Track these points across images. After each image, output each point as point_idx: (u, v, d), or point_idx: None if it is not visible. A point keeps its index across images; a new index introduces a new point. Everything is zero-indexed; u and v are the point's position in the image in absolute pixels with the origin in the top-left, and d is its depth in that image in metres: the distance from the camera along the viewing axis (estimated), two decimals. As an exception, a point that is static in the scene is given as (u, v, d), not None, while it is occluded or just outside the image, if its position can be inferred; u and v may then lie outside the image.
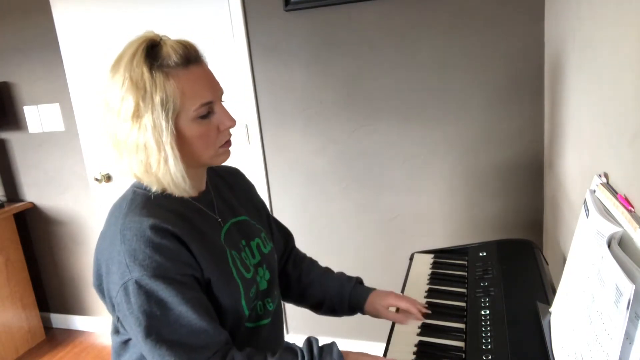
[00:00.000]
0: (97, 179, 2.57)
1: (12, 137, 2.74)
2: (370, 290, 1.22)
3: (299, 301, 1.27)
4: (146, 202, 0.91)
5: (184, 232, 0.89)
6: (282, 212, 2.32)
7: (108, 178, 2.59)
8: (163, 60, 0.86)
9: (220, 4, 2.15)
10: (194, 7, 2.19)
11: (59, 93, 2.55)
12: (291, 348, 0.93)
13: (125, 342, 0.98)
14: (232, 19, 2.15)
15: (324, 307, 1.24)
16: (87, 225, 2.74)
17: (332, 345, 0.93)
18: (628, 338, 0.58)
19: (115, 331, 1.00)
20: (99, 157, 2.57)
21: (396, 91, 2.02)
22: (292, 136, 2.22)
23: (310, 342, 0.93)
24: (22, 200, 2.83)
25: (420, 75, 1.97)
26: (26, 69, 2.58)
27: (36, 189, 2.79)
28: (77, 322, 2.95)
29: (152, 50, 0.87)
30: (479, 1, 1.84)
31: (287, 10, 2.06)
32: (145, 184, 0.93)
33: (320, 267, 1.29)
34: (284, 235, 1.28)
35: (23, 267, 2.79)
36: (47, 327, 2.97)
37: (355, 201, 2.21)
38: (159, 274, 0.84)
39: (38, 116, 2.63)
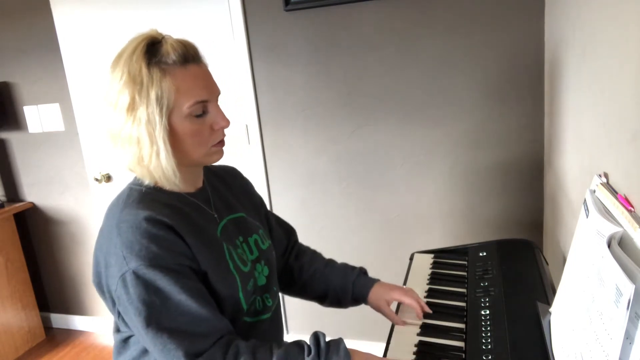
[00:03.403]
0: (97, 179, 2.57)
1: (12, 137, 2.74)
2: (374, 281, 1.21)
3: (303, 294, 1.26)
4: (142, 197, 0.92)
5: (180, 225, 0.90)
6: (282, 212, 2.32)
7: (108, 178, 2.59)
8: (162, 57, 0.88)
9: (220, 4, 2.15)
10: (194, 7, 2.19)
11: (59, 93, 2.55)
12: (297, 342, 0.93)
13: (126, 340, 0.99)
14: (232, 19, 2.15)
15: (328, 298, 1.23)
16: (87, 225, 2.74)
17: (339, 341, 0.92)
18: (628, 338, 0.58)
19: (117, 329, 1.00)
20: (99, 157, 2.57)
21: (396, 91, 2.02)
22: (292, 136, 2.22)
23: (317, 336, 0.92)
24: (22, 200, 2.83)
25: (420, 75, 1.97)
26: (26, 69, 2.58)
27: (36, 189, 2.79)
28: (77, 322, 2.96)
29: (152, 48, 0.89)
30: (478, 1, 1.84)
31: (287, 10, 2.06)
32: (137, 176, 0.95)
33: (323, 258, 1.28)
34: (286, 231, 1.28)
35: (23, 267, 2.79)
36: (47, 327, 2.98)
37: (355, 201, 2.21)
38: (156, 264, 0.85)
39: (38, 116, 2.63)
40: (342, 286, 1.20)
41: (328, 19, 2.03)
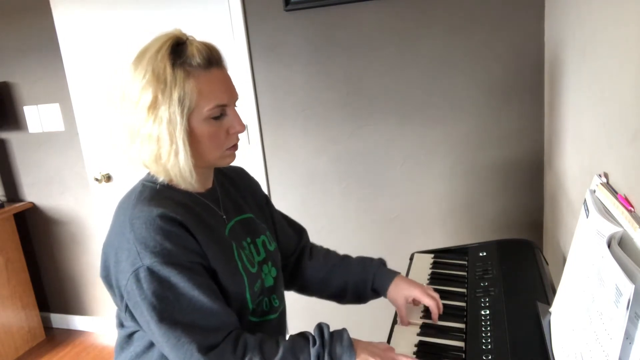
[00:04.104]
0: (97, 179, 2.57)
1: (12, 137, 2.74)
2: (395, 274, 1.19)
3: (321, 292, 1.25)
4: (155, 194, 0.94)
5: (191, 223, 0.92)
6: (282, 212, 2.32)
7: (108, 178, 2.59)
8: (186, 59, 0.90)
9: (220, 4, 2.15)
10: (194, 7, 2.19)
11: (59, 93, 2.55)
12: (302, 333, 0.95)
13: (130, 336, 1.00)
14: (232, 19, 2.15)
15: (348, 293, 1.22)
16: (87, 225, 2.74)
17: (342, 331, 0.94)
18: (628, 338, 0.58)
19: (120, 324, 1.01)
20: (99, 157, 2.57)
21: (396, 91, 2.02)
22: (292, 136, 2.21)
23: (321, 327, 0.94)
24: (22, 200, 2.83)
25: (420, 75, 1.97)
26: (26, 69, 2.58)
27: (36, 189, 2.79)
28: (77, 322, 2.96)
29: (177, 48, 0.90)
30: (478, 1, 1.84)
31: (287, 10, 2.06)
32: (152, 172, 0.96)
33: (338, 254, 1.28)
34: (297, 231, 1.29)
35: (23, 267, 2.79)
36: (47, 327, 2.98)
37: (355, 201, 2.21)
38: (170, 261, 0.87)
39: (38, 116, 2.63)
40: (362, 278, 1.19)
41: (328, 19, 2.03)
